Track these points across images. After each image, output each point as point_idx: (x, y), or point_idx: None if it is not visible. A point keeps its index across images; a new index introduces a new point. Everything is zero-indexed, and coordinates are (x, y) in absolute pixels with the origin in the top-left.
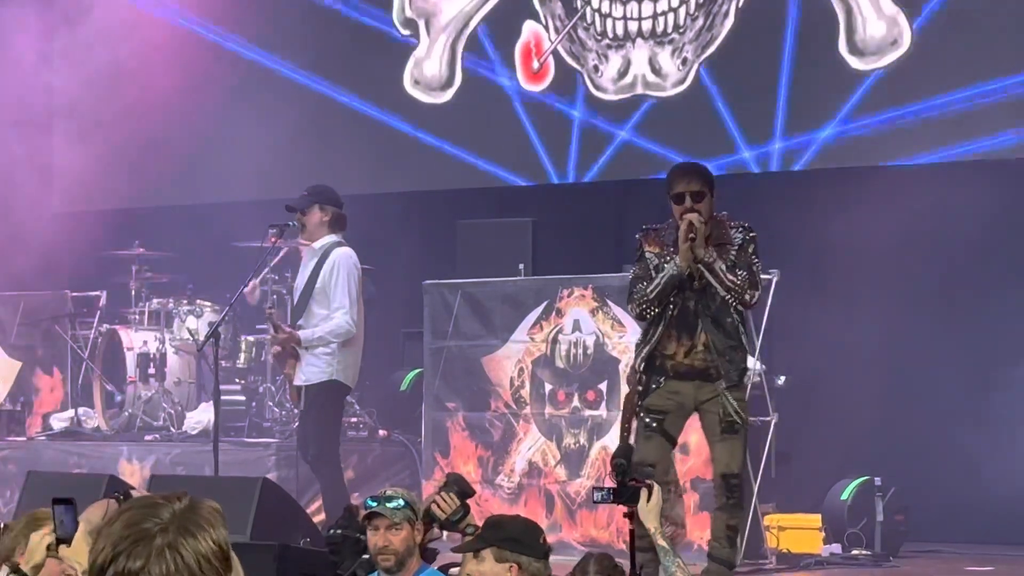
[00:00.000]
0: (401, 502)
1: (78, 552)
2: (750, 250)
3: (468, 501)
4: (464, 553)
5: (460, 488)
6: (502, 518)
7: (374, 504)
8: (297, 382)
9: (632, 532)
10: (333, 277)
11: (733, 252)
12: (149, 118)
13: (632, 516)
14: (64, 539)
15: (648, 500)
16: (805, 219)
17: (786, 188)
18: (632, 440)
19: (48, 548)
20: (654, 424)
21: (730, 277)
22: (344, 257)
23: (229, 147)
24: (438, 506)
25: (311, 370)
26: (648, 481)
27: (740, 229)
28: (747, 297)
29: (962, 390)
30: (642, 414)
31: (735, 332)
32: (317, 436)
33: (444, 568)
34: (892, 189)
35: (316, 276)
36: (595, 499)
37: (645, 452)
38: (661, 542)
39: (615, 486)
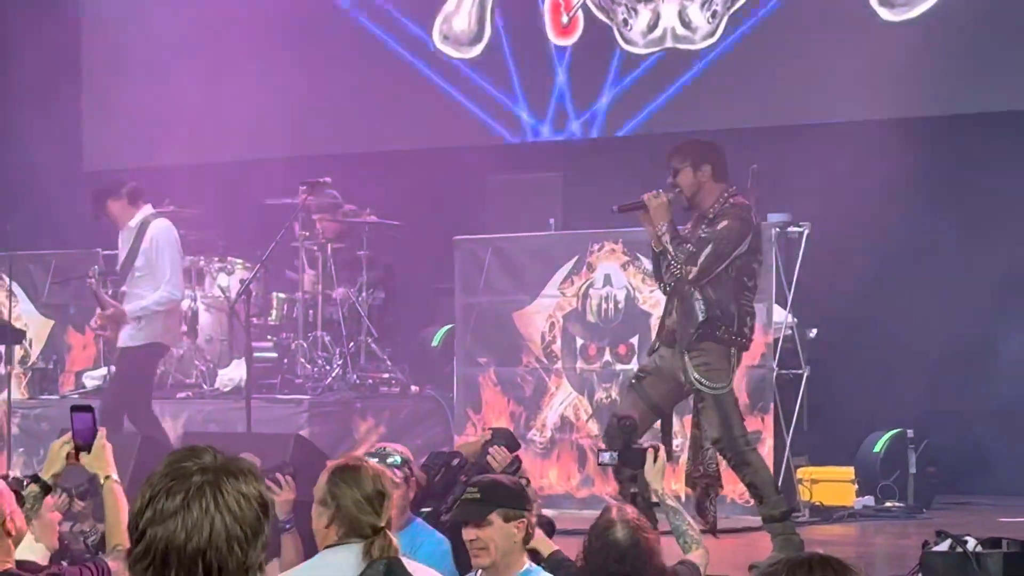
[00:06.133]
0: (399, 459)
1: (99, 460)
2: (719, 226)
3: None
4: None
5: (507, 442)
6: (495, 479)
7: (374, 460)
8: (121, 344)
9: (633, 495)
10: (154, 250)
11: (704, 224)
12: (178, 75)
13: (634, 479)
14: (82, 447)
15: (654, 462)
16: (838, 170)
17: (818, 139)
18: None
19: (67, 456)
20: (634, 380)
21: (671, 250)
22: (162, 230)
23: (260, 103)
24: (493, 458)
25: (137, 333)
26: (654, 443)
27: (727, 204)
28: (683, 271)
29: (993, 341)
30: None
31: (690, 297)
32: (129, 395)
33: None
34: (921, 140)
35: (137, 250)
36: (600, 461)
37: (621, 405)
38: (670, 502)
39: (621, 448)
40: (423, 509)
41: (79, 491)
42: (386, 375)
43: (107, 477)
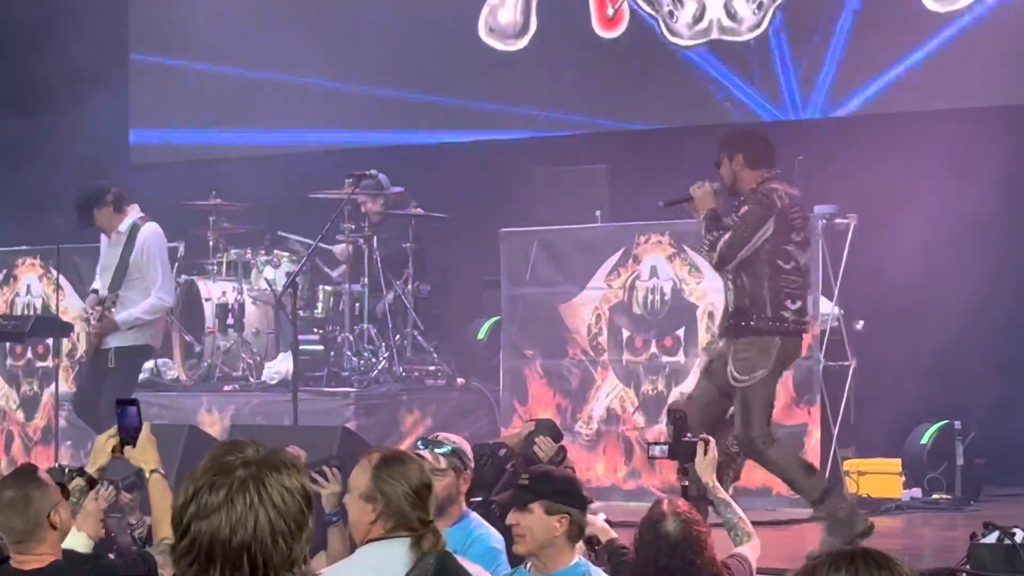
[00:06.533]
0: (448, 448)
1: (144, 453)
2: (740, 211)
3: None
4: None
5: (551, 432)
6: (548, 471)
7: (422, 447)
8: (110, 344)
9: (685, 488)
10: (145, 256)
11: (734, 212)
12: (225, 67)
13: (685, 472)
14: (128, 440)
15: (704, 455)
16: (883, 163)
17: (862, 131)
18: None
19: (112, 450)
20: (706, 366)
21: (704, 238)
22: (152, 235)
23: (307, 94)
24: (539, 448)
25: (127, 335)
26: (704, 435)
27: (753, 192)
28: (709, 259)
29: None
30: None
31: (724, 287)
32: (113, 395)
33: None
34: (969, 132)
35: (128, 255)
36: (650, 454)
37: (693, 392)
38: (720, 495)
39: (671, 441)
40: (473, 499)
41: (126, 483)
42: (432, 367)
43: (153, 471)
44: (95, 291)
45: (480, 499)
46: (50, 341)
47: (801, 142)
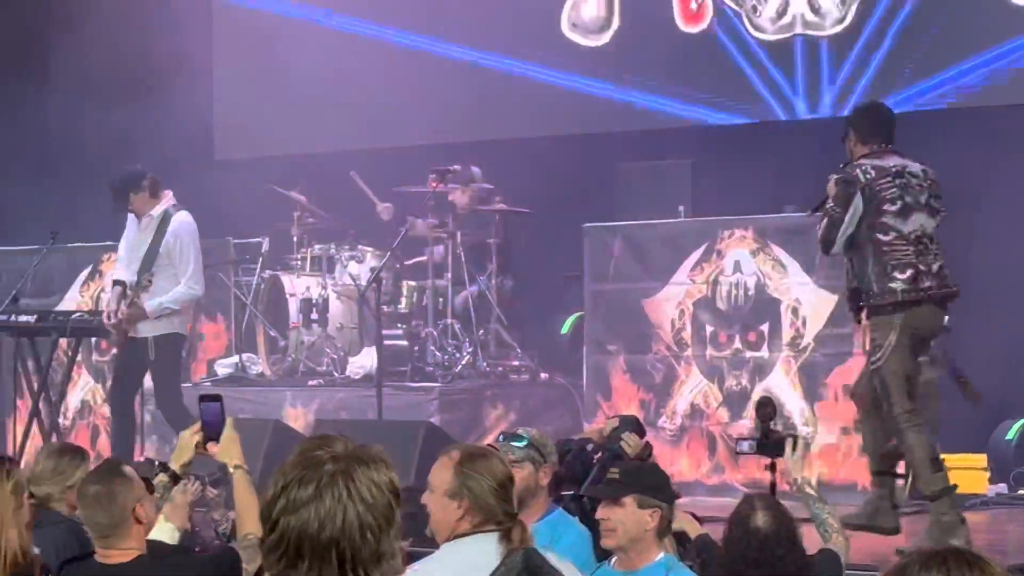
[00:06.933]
0: (524, 441)
1: (227, 450)
2: (832, 193)
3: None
4: (603, 498)
5: (635, 428)
6: (640, 465)
7: (500, 440)
8: (145, 334)
9: (773, 485)
10: (178, 244)
11: None
12: (309, 61)
13: (774, 468)
14: (212, 436)
15: (793, 450)
16: (963, 156)
17: (945, 124)
18: None
19: (196, 446)
20: None
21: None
22: (184, 224)
23: (390, 89)
24: (627, 443)
25: (160, 324)
26: (792, 431)
27: (841, 170)
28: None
29: None
30: None
31: (847, 269)
32: (167, 382)
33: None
34: None
35: (159, 242)
36: (738, 450)
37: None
38: (809, 490)
39: (759, 437)
40: (565, 493)
41: (212, 479)
42: (516, 362)
43: (236, 467)
44: (119, 282)
45: (571, 493)
46: None
47: None
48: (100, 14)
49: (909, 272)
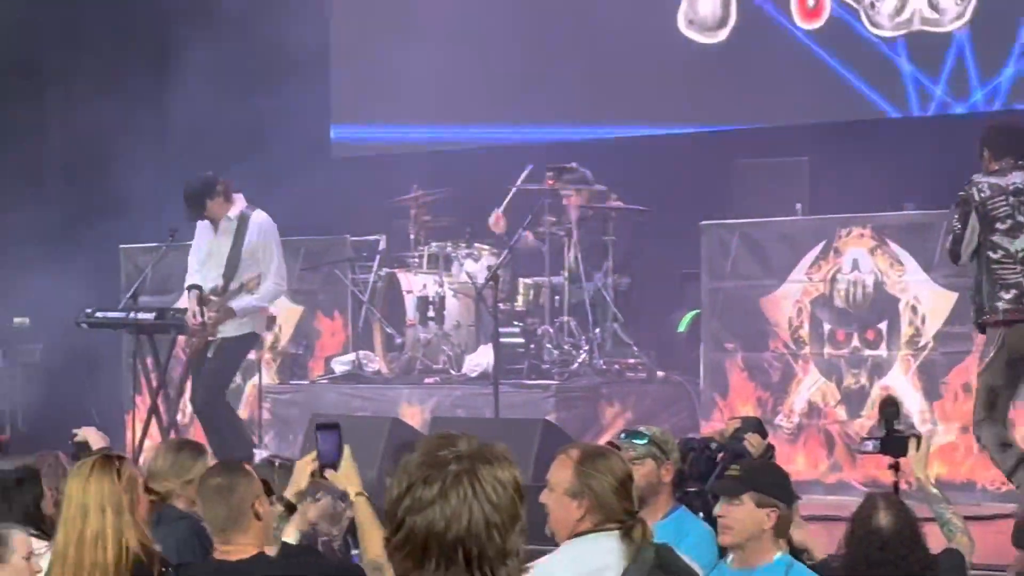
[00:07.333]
0: (646, 439)
1: (347, 477)
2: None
3: None
4: (722, 495)
5: (757, 429)
6: (761, 464)
7: (622, 437)
8: (222, 334)
9: (896, 484)
10: (261, 243)
11: None
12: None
13: (897, 468)
14: (328, 464)
15: (917, 449)
16: None
17: None
18: None
19: (312, 474)
20: None
21: None
22: (267, 223)
23: (505, 90)
24: (750, 443)
25: (240, 323)
26: (916, 430)
27: (965, 187)
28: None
29: None
30: None
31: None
32: (216, 383)
33: None
34: None
35: (240, 243)
36: (861, 449)
37: None
38: (932, 490)
39: (882, 436)
40: (689, 489)
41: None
42: (632, 360)
43: (358, 494)
44: (195, 287)
45: (695, 489)
46: None
47: None
48: (220, 8)
49: (1013, 292)
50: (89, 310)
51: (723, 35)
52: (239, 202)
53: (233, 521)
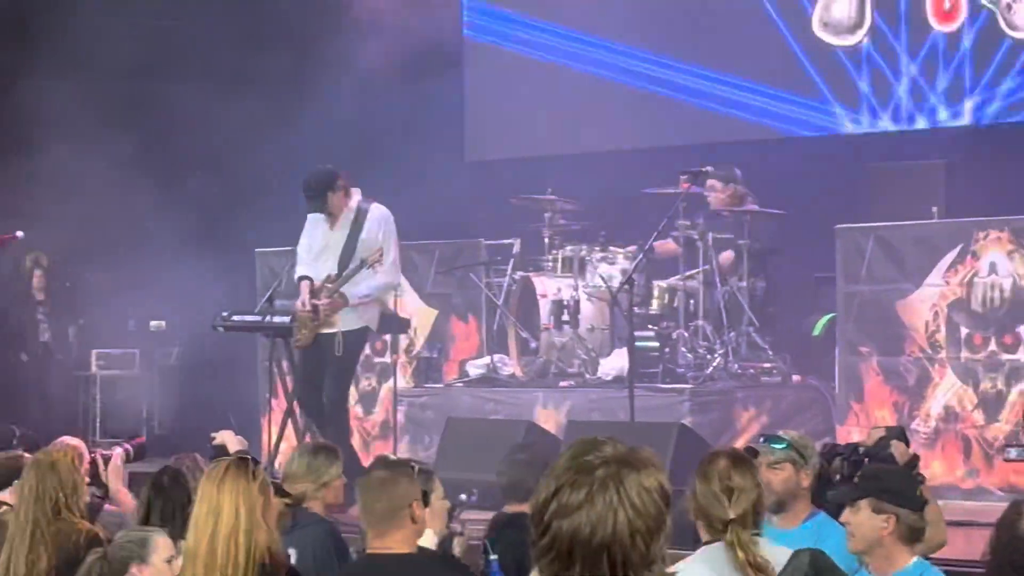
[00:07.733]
0: (784, 443)
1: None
2: None
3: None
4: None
5: (900, 438)
6: (880, 469)
7: (761, 442)
8: (335, 328)
9: None
10: (382, 235)
11: None
12: (557, 64)
13: None
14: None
15: None
16: None
17: None
18: None
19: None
20: None
21: None
22: (384, 213)
23: (639, 92)
24: (895, 450)
25: (350, 318)
26: None
27: None
28: None
29: None
30: None
31: None
32: (343, 381)
33: None
34: None
35: (356, 236)
36: (1006, 457)
37: None
38: None
39: None
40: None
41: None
42: (767, 364)
43: None
44: (306, 277)
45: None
46: (388, 337)
47: None
48: (353, 10)
49: None
50: (225, 314)
51: (858, 37)
52: (357, 195)
53: (391, 515)
